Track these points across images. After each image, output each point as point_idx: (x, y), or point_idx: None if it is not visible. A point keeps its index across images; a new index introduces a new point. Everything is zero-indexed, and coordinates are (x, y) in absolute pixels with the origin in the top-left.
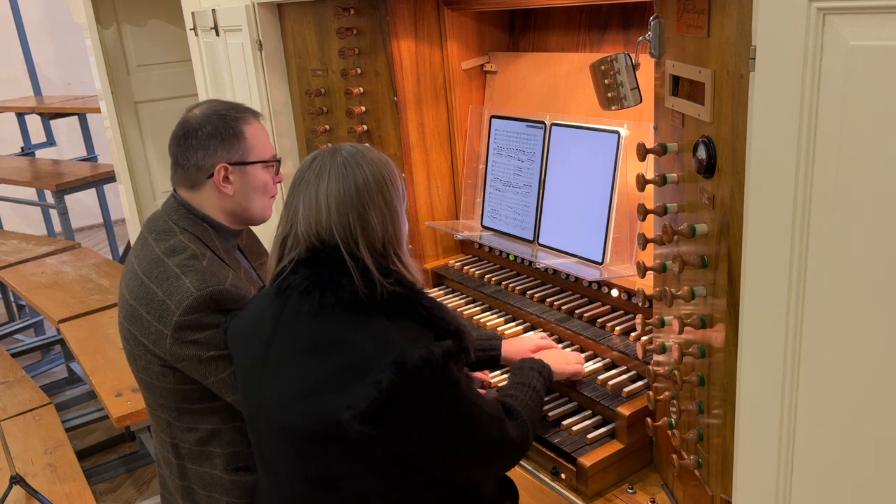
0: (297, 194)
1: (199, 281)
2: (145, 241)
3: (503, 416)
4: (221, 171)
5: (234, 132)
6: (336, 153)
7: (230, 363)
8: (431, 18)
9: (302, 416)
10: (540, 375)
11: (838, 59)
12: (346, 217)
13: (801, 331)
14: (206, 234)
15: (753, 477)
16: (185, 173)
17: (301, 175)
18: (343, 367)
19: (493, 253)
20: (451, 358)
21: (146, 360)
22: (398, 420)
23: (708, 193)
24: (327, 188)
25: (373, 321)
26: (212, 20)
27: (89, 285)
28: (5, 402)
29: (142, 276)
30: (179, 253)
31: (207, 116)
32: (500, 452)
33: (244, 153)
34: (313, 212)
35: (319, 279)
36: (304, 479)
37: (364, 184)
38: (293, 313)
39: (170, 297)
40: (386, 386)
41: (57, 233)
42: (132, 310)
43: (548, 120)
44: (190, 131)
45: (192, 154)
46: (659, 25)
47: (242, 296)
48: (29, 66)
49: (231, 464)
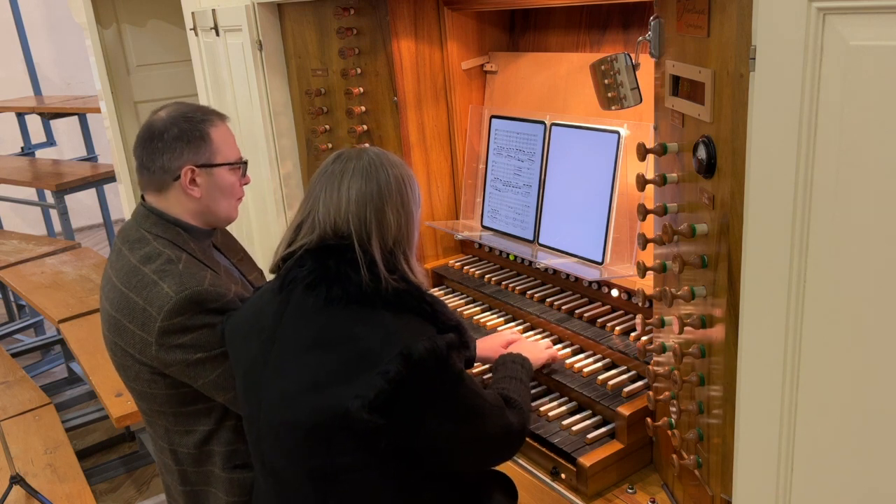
0: (321, 185)
1: (177, 284)
2: (119, 252)
3: (503, 405)
4: (188, 174)
5: (201, 134)
6: (362, 154)
7: (218, 364)
8: (431, 18)
9: (307, 409)
10: (522, 368)
11: (838, 59)
12: (364, 210)
13: (801, 331)
14: (180, 237)
15: (753, 477)
16: (152, 176)
17: (326, 168)
18: (349, 360)
19: (493, 253)
20: (454, 350)
21: (136, 370)
22: (405, 410)
23: (708, 193)
24: (350, 182)
25: (378, 315)
26: (212, 20)
27: (89, 285)
28: (5, 402)
29: (120, 287)
30: (155, 259)
31: (173, 119)
32: (502, 439)
33: (211, 155)
34: (334, 200)
35: (326, 273)
36: (307, 474)
37: (385, 183)
38: (297, 308)
39: (150, 304)
40: (393, 376)
41: (57, 233)
42: (115, 321)
43: (548, 120)
44: (156, 134)
45: (158, 157)
46: (659, 25)
47: (223, 294)
48: (29, 66)
49: (229, 462)
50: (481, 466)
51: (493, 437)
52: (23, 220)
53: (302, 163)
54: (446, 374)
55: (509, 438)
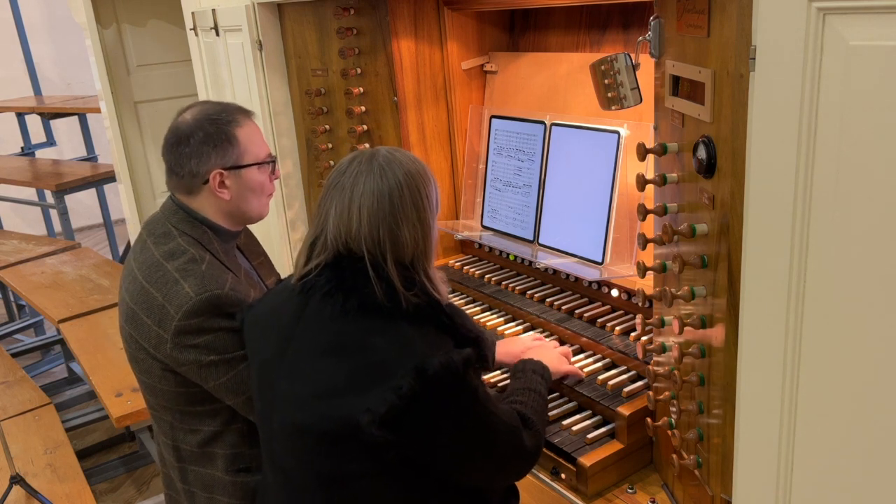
0: (332, 198)
1: (198, 285)
2: (144, 243)
3: (519, 425)
4: (217, 177)
5: (227, 136)
6: (373, 159)
7: (231, 367)
8: (431, 18)
9: (318, 415)
10: (542, 378)
11: (838, 59)
12: (377, 230)
13: (801, 331)
14: (206, 236)
15: (753, 477)
16: (181, 180)
17: (336, 179)
18: (363, 370)
19: (493, 253)
20: (471, 366)
21: (148, 364)
22: (416, 426)
23: (708, 193)
24: (361, 197)
25: (395, 326)
26: (212, 20)
27: (89, 285)
28: (5, 402)
29: (141, 280)
30: (178, 257)
31: (199, 122)
32: (514, 461)
33: (238, 157)
34: (344, 220)
35: (343, 283)
36: (315, 478)
37: (399, 197)
38: (315, 313)
39: (169, 301)
40: (406, 392)
41: (57, 233)
42: (133, 313)
43: (548, 120)
44: (182, 138)
45: (186, 161)
46: (659, 25)
47: (242, 300)
48: (29, 66)
49: (232, 465)
50: (489, 485)
51: (504, 458)
52: (23, 220)
53: (302, 163)
54: (461, 391)
55: (521, 461)
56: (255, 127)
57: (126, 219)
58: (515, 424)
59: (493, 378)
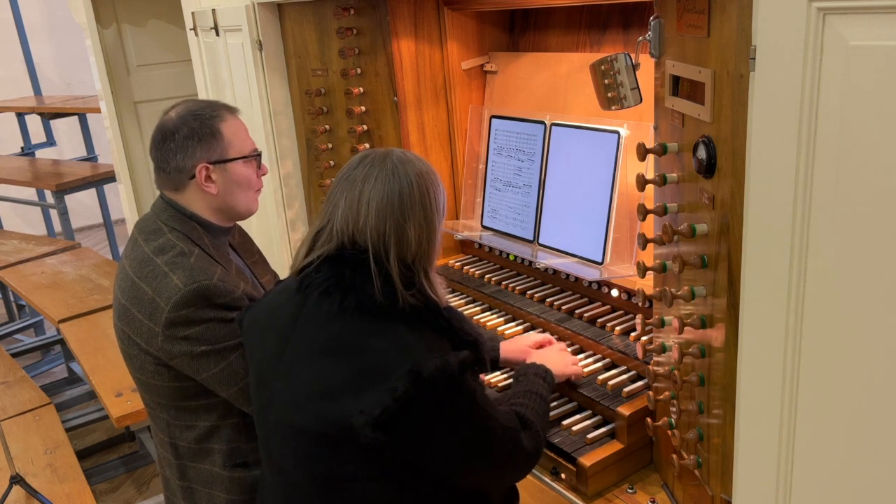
0: (341, 190)
1: (186, 277)
2: (135, 241)
3: (518, 427)
4: (202, 171)
5: (211, 131)
6: (387, 158)
7: (222, 358)
8: (431, 18)
9: (314, 416)
10: (545, 381)
11: (838, 59)
12: (384, 224)
13: (801, 331)
14: (195, 232)
15: (753, 477)
16: (168, 177)
17: (348, 172)
18: (359, 371)
19: (493, 253)
20: (468, 368)
21: (141, 360)
22: (411, 428)
23: (708, 193)
24: (371, 191)
25: (392, 327)
26: (212, 20)
27: (89, 285)
28: (5, 402)
29: (132, 276)
30: (168, 251)
31: (183, 118)
32: (513, 464)
33: (223, 151)
34: (353, 211)
35: (341, 281)
36: (312, 478)
37: (408, 195)
38: (313, 312)
39: (159, 294)
40: (401, 394)
41: (57, 233)
42: (125, 310)
43: (548, 120)
44: (167, 135)
45: (172, 157)
46: (659, 25)
47: (230, 290)
48: (29, 66)
49: (230, 460)
50: (487, 487)
51: (502, 460)
52: (23, 220)
53: (302, 163)
54: (457, 394)
55: (520, 463)
56: (239, 122)
57: (126, 219)
58: (513, 426)
59: (495, 379)
